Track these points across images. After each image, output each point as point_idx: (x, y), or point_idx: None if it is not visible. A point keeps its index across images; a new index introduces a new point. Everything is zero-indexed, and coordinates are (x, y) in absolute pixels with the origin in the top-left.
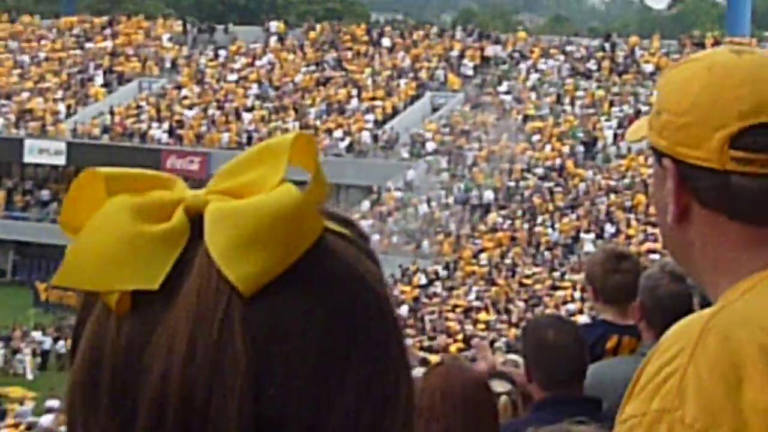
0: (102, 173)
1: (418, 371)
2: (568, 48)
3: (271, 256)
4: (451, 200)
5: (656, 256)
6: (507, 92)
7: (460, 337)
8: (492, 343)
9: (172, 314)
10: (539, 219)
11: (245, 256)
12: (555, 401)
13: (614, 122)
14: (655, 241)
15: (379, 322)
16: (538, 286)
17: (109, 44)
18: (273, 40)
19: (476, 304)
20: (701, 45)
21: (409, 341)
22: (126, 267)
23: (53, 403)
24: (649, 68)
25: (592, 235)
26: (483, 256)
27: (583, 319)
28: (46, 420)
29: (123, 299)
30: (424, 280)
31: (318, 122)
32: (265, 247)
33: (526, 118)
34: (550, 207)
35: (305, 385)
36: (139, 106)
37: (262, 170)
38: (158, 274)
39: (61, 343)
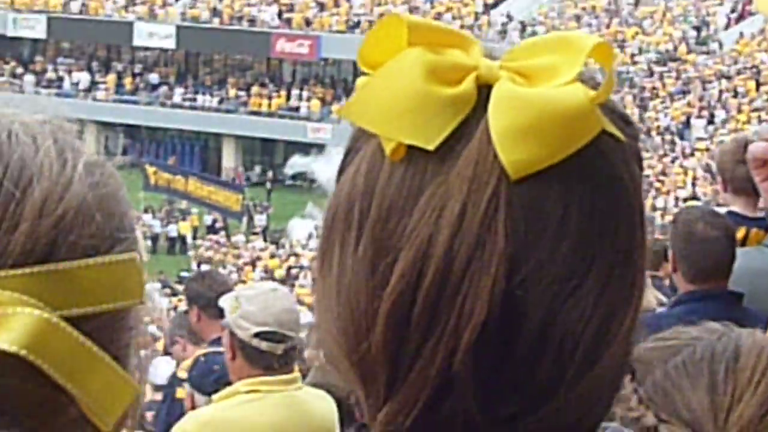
0: (407, 20)
1: None
2: None
3: (545, 148)
4: None
5: None
6: None
7: None
8: None
9: (446, 179)
10: (650, 104)
11: (523, 142)
12: (699, 295)
13: (727, 7)
14: None
15: (629, 229)
16: (648, 172)
17: None
18: None
19: None
20: None
21: None
22: (408, 120)
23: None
24: None
25: (703, 121)
26: None
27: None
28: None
29: (399, 149)
30: None
31: (427, 6)
32: (543, 139)
33: (638, 2)
34: (661, 92)
35: (553, 274)
36: None
37: (557, 59)
38: (437, 135)
39: (171, 226)
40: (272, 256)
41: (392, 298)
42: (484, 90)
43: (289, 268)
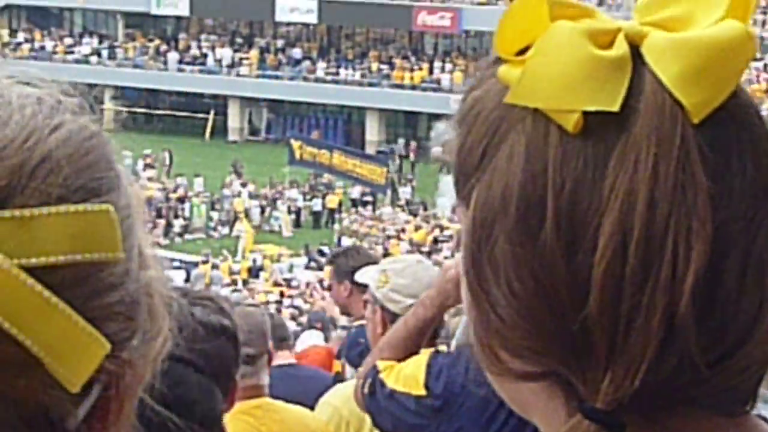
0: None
1: None
2: None
3: (718, 84)
4: None
5: None
6: None
7: None
8: None
9: (631, 136)
10: None
11: (697, 83)
12: None
13: None
14: None
15: None
16: None
17: None
18: None
19: None
20: None
21: None
22: (585, 88)
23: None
24: None
25: None
26: None
27: None
28: (300, 277)
29: (579, 119)
30: None
31: None
32: (716, 75)
33: None
34: None
35: (743, 209)
36: None
37: (689, 6)
38: (617, 96)
39: (315, 200)
40: (417, 228)
41: (605, 262)
42: (632, 49)
43: (435, 239)
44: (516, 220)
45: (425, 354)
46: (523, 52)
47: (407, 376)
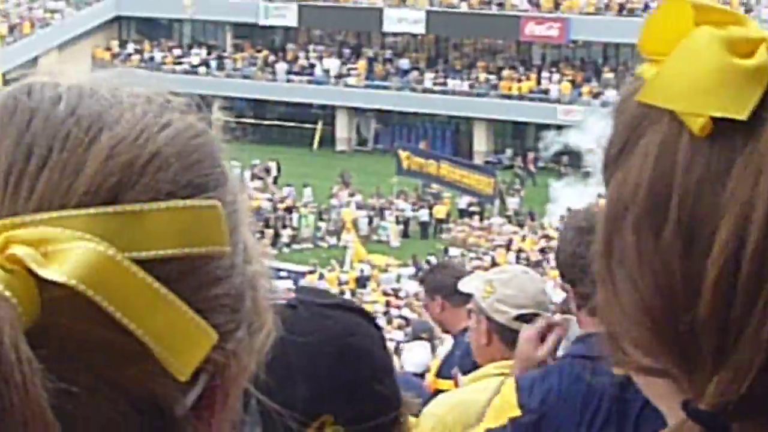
0: (691, 3)
1: None
2: None
3: None
4: None
5: None
6: None
7: None
8: None
9: (756, 146)
10: None
11: None
12: None
13: None
14: None
15: None
16: None
17: None
18: None
19: None
20: None
21: None
22: (717, 95)
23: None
24: None
25: None
26: None
27: None
28: (407, 287)
29: (707, 124)
30: None
31: None
32: None
33: None
34: None
35: None
36: None
37: None
38: (747, 104)
39: (422, 210)
40: (523, 239)
41: (717, 268)
42: None
43: (542, 250)
44: (643, 214)
45: (508, 383)
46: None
47: (497, 410)
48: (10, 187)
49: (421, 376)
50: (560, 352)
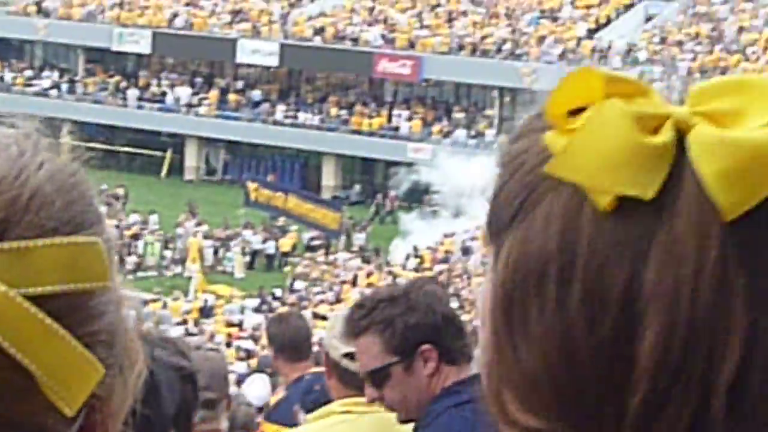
0: (601, 73)
1: None
2: None
3: (756, 187)
4: None
5: None
6: (723, 2)
7: None
8: None
9: (671, 228)
10: None
11: (735, 184)
12: None
13: None
14: None
15: None
16: None
17: None
18: None
19: None
20: None
21: None
22: (623, 172)
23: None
24: None
25: None
26: None
27: None
28: (251, 319)
29: (612, 201)
30: None
31: (530, 29)
32: (753, 179)
33: (742, 30)
34: None
35: None
36: (353, 9)
37: (743, 103)
38: (653, 184)
39: (269, 243)
40: (369, 275)
41: (655, 355)
42: (679, 136)
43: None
44: (549, 282)
45: None
46: (574, 114)
47: None
48: None
49: (260, 410)
50: None
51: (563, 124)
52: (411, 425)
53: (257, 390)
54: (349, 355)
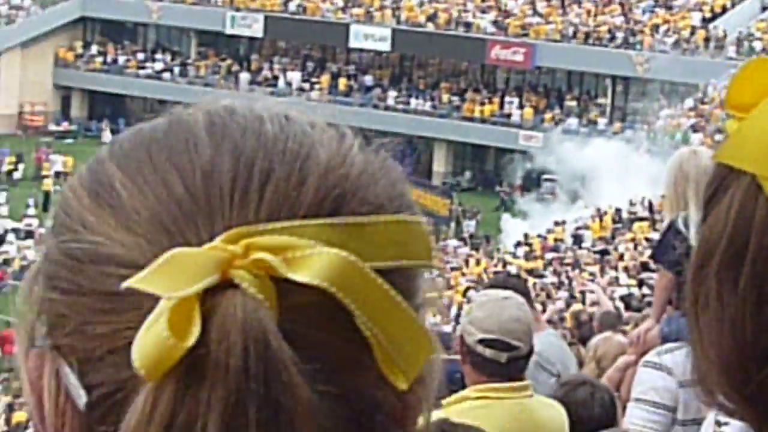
0: None
1: None
2: None
3: None
4: None
5: None
6: None
7: None
8: None
9: None
10: None
11: None
12: None
13: None
14: None
15: None
16: None
17: None
18: None
19: None
20: None
21: None
22: None
23: None
24: None
25: None
26: None
27: None
28: None
29: None
30: None
31: (644, 17)
32: None
33: None
34: None
35: None
36: None
37: None
38: None
39: None
40: (478, 262)
41: None
42: None
43: (496, 273)
44: (724, 265)
45: None
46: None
47: None
48: (236, 198)
49: None
50: None
51: (740, 113)
52: (547, 411)
53: None
54: (485, 341)
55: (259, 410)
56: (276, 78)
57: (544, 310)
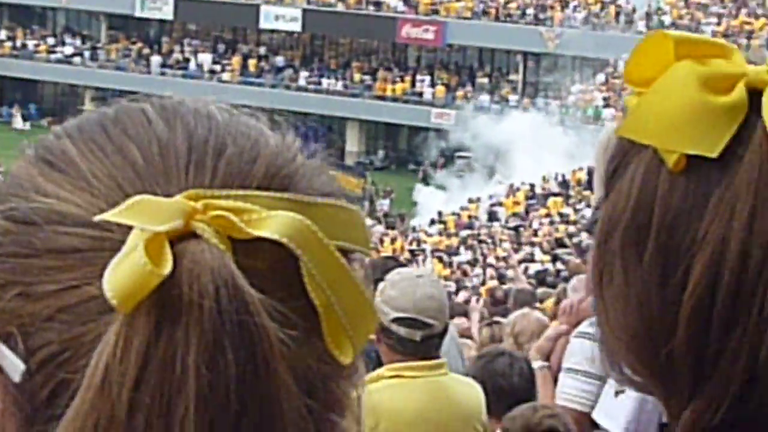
0: (673, 36)
1: None
2: None
3: None
4: None
5: None
6: None
7: None
8: None
9: (731, 182)
10: None
11: None
12: None
13: None
14: None
15: None
16: None
17: None
18: None
19: None
20: None
21: None
22: (689, 131)
23: None
24: None
25: None
26: None
27: None
28: None
29: (680, 160)
30: None
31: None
32: None
33: None
34: None
35: None
36: None
37: None
38: (719, 142)
39: None
40: (393, 240)
41: (692, 301)
42: (754, 96)
43: (411, 252)
44: (627, 240)
45: None
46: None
47: None
48: (192, 167)
49: None
50: None
51: (639, 87)
52: (462, 388)
53: None
54: (399, 320)
55: (236, 348)
56: (187, 60)
57: (458, 290)
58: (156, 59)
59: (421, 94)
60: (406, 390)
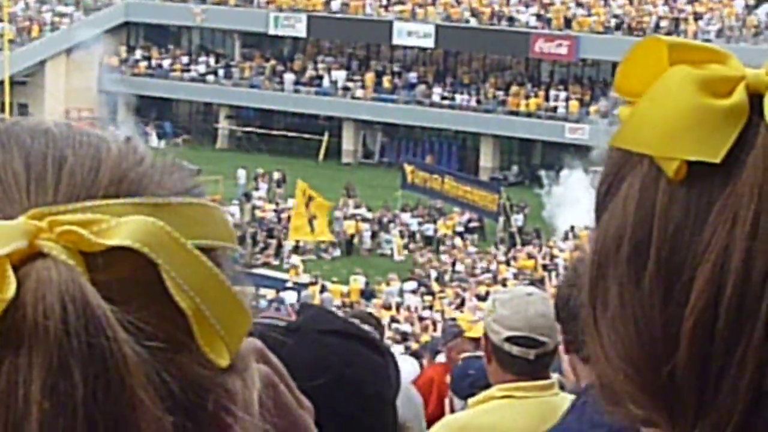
0: (666, 41)
1: None
2: None
3: None
4: None
5: None
6: None
7: None
8: None
9: (734, 189)
10: None
11: None
12: None
13: None
14: None
15: None
16: None
17: None
18: None
19: None
20: None
21: None
22: (688, 137)
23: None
24: None
25: None
26: None
27: None
28: (411, 300)
29: (681, 168)
30: None
31: (688, 6)
32: None
33: None
34: None
35: None
36: None
37: None
38: (720, 147)
39: (426, 225)
40: (529, 257)
41: (694, 316)
42: (754, 99)
43: (544, 266)
44: (625, 260)
45: None
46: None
47: None
48: (32, 186)
49: None
50: None
51: (631, 97)
52: None
53: (406, 371)
54: (512, 339)
55: (84, 369)
56: (321, 77)
57: None
58: (289, 77)
59: (555, 109)
60: (517, 410)
